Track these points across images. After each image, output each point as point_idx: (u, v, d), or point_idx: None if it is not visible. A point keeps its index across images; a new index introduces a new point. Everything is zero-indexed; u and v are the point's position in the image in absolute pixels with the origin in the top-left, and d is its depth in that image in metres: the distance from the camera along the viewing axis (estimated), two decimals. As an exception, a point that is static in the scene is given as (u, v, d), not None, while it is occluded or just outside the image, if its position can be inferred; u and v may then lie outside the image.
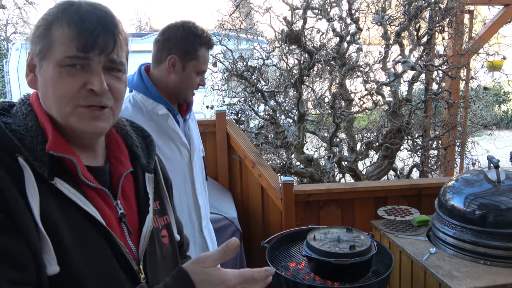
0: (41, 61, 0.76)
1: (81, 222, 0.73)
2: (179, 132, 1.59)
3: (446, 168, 3.93)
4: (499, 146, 5.39)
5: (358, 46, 3.79)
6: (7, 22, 12.76)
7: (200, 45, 1.53)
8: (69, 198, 0.73)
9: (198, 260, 0.74)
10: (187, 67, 1.53)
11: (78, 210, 0.73)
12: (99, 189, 0.79)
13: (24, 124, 0.74)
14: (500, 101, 11.60)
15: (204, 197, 1.73)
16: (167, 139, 1.56)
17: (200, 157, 1.73)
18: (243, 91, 3.90)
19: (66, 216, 0.72)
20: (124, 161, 0.87)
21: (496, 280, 1.69)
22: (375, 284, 1.60)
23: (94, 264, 0.72)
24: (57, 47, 0.74)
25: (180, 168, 1.61)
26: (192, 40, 1.51)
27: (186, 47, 1.51)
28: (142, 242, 0.83)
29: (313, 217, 2.58)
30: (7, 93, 8.45)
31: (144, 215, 0.86)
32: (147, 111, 1.53)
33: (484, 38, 4.16)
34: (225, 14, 3.79)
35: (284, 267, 1.79)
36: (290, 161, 3.66)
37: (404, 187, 2.63)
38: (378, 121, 4.23)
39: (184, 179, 1.62)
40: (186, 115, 1.66)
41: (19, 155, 0.70)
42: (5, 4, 12.13)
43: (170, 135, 1.57)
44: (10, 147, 0.71)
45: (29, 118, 0.76)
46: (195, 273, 0.72)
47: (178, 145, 1.59)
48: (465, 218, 1.90)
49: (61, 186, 0.73)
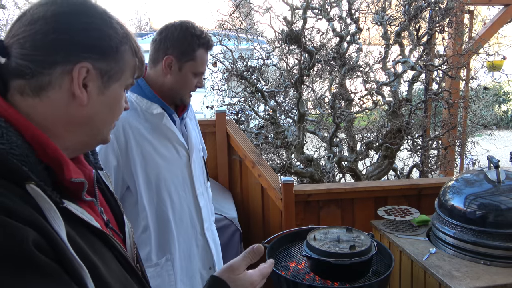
0: (109, 81, 0.71)
1: (94, 240, 0.69)
2: (175, 131, 1.55)
3: (446, 168, 3.93)
4: (499, 146, 5.39)
5: (358, 46, 3.79)
6: (7, 22, 12.77)
7: (198, 46, 1.49)
8: (78, 218, 0.67)
9: (231, 268, 0.83)
10: (184, 68, 1.50)
11: (87, 228, 0.69)
12: (89, 201, 0.75)
13: (10, 141, 0.60)
14: (500, 101, 11.60)
15: (206, 198, 1.69)
16: (163, 139, 1.53)
17: (199, 157, 1.70)
18: (243, 91, 3.90)
19: (82, 238, 0.66)
20: (85, 163, 0.80)
21: (496, 280, 1.69)
22: (375, 284, 1.60)
23: (117, 279, 0.70)
24: (127, 72, 0.75)
25: (178, 168, 1.57)
26: (190, 41, 1.48)
27: (183, 48, 1.48)
28: (129, 243, 0.84)
29: (313, 217, 2.58)
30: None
31: (120, 216, 0.86)
32: (142, 111, 1.50)
33: (484, 38, 4.17)
34: (225, 14, 3.80)
35: (284, 267, 1.79)
36: (290, 161, 3.66)
37: (404, 187, 2.63)
38: (378, 121, 4.24)
39: (183, 180, 1.59)
40: (183, 113, 1.63)
41: (28, 182, 0.59)
42: (5, 4, 12.13)
43: (166, 134, 1.54)
44: (17, 174, 0.59)
45: (12, 133, 0.61)
46: (231, 280, 0.81)
47: (175, 144, 1.56)
48: (465, 218, 1.90)
49: (71, 207, 0.66)
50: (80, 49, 0.67)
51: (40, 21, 0.65)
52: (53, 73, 0.65)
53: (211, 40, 1.55)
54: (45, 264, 0.54)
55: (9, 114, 0.63)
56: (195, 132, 1.73)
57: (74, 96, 0.67)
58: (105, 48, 0.70)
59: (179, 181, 1.56)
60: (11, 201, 0.55)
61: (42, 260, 0.54)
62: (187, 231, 1.58)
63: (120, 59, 0.72)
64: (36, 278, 0.53)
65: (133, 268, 0.79)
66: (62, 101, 0.67)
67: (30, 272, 0.52)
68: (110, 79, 0.71)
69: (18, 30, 0.66)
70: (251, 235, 2.91)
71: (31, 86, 0.65)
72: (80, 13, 0.68)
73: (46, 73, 0.65)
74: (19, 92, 0.65)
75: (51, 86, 0.66)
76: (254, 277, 0.84)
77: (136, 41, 0.77)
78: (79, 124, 0.70)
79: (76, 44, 0.67)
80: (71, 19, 0.67)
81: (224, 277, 0.81)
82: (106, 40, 0.70)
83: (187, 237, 1.58)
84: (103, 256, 0.69)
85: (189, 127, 1.66)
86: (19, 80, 0.65)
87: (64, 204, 0.63)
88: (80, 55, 0.66)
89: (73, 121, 0.69)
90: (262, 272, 0.86)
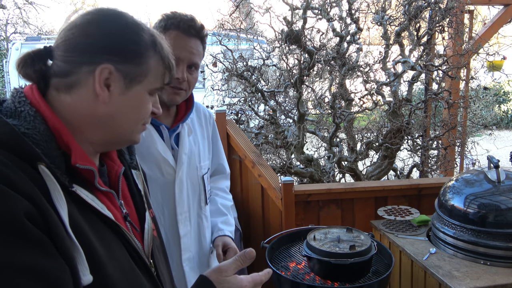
0: (131, 83, 0.78)
1: (102, 227, 0.74)
2: (157, 146, 1.39)
3: (446, 168, 3.93)
4: (499, 146, 5.39)
5: (358, 46, 3.79)
6: (7, 22, 12.78)
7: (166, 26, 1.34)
8: (88, 204, 0.72)
9: (220, 269, 0.84)
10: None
11: (96, 215, 0.74)
12: (107, 192, 0.80)
13: (34, 128, 0.70)
14: (500, 101, 11.60)
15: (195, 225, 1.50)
16: (144, 153, 1.36)
17: (195, 177, 1.50)
18: (243, 91, 3.90)
19: (89, 223, 0.71)
20: (116, 160, 0.89)
21: (496, 280, 1.69)
22: (375, 284, 1.60)
23: (120, 267, 0.73)
24: (152, 77, 0.80)
25: (158, 187, 1.40)
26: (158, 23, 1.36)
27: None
28: (147, 238, 0.87)
29: (313, 217, 2.58)
30: (7, 93, 8.47)
31: (142, 212, 0.89)
32: None
33: (484, 38, 4.16)
34: (225, 14, 3.79)
35: (284, 267, 1.79)
36: (290, 161, 3.66)
37: (404, 187, 2.63)
38: (378, 121, 4.24)
39: (163, 201, 1.42)
40: (177, 125, 1.44)
41: (40, 163, 0.66)
42: (5, 4, 12.14)
43: (148, 148, 1.37)
44: (30, 154, 0.66)
45: (38, 121, 0.71)
46: (219, 282, 0.82)
47: (157, 160, 1.39)
48: (465, 218, 1.90)
49: (81, 192, 0.72)
50: (104, 52, 0.75)
51: (75, 28, 0.76)
52: (80, 72, 0.74)
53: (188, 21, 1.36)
54: (32, 233, 0.60)
55: (39, 106, 0.73)
56: (195, 146, 1.53)
57: (97, 94, 0.75)
58: (128, 53, 0.77)
59: (158, 202, 1.41)
60: (13, 174, 0.62)
61: (30, 228, 0.59)
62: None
63: (143, 63, 0.78)
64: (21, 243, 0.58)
65: (145, 263, 0.81)
66: (87, 98, 0.75)
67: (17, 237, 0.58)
68: (132, 81, 0.78)
69: (60, 36, 0.78)
70: (251, 235, 2.91)
71: (65, 84, 0.75)
72: (108, 21, 0.78)
73: (75, 72, 0.74)
74: (56, 89, 0.76)
75: (79, 84, 0.75)
76: (244, 282, 0.84)
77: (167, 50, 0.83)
78: (101, 121, 0.77)
79: (100, 48, 0.75)
80: (100, 25, 0.77)
81: (212, 277, 0.82)
82: (130, 45, 0.77)
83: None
84: (109, 243, 0.73)
85: (184, 142, 1.46)
86: (57, 78, 0.75)
87: (73, 188, 0.70)
88: (103, 57, 0.74)
89: (96, 117, 0.76)
90: (254, 279, 0.86)
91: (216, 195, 1.72)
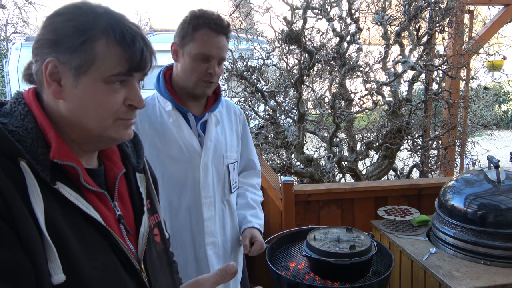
0: (78, 75, 0.73)
1: (85, 227, 0.72)
2: (184, 131, 1.48)
3: (446, 168, 3.93)
4: (499, 146, 5.39)
5: (358, 46, 3.79)
6: (7, 22, 12.77)
7: (198, 25, 1.39)
8: (71, 203, 0.71)
9: (197, 283, 0.80)
10: (185, 51, 1.41)
11: (80, 214, 0.72)
12: (98, 192, 0.78)
13: (22, 126, 0.71)
14: (500, 101, 11.61)
15: (219, 211, 1.56)
16: (171, 137, 1.46)
17: (221, 164, 1.56)
18: (243, 91, 3.90)
19: (70, 221, 0.70)
20: (117, 162, 0.87)
21: (496, 280, 1.69)
22: (375, 284, 1.60)
23: (100, 268, 0.72)
24: (102, 64, 0.73)
25: (184, 170, 1.48)
26: (189, 21, 1.41)
27: (184, 31, 1.41)
28: (141, 242, 0.84)
29: (313, 217, 2.58)
30: (7, 93, 8.47)
31: (140, 215, 0.87)
32: (159, 107, 1.49)
33: (484, 38, 4.16)
34: (225, 14, 3.79)
35: (284, 267, 1.79)
36: (290, 161, 3.66)
37: (404, 187, 2.63)
38: (378, 121, 4.23)
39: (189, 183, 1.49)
40: (204, 114, 1.53)
41: (20, 159, 0.67)
42: (5, 4, 12.13)
43: (175, 133, 1.47)
44: (11, 150, 0.67)
45: (28, 119, 0.72)
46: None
47: (184, 144, 1.47)
48: (465, 218, 1.90)
49: (64, 190, 0.71)
50: (49, 45, 0.73)
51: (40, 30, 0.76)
52: (39, 70, 0.75)
53: (217, 20, 1.42)
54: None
55: (31, 105, 0.75)
56: (222, 136, 1.59)
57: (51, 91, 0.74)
58: (69, 42, 0.73)
59: (183, 183, 1.48)
60: None
61: None
62: (185, 239, 1.51)
63: (87, 51, 0.73)
64: None
65: (133, 267, 0.79)
66: (51, 96, 0.75)
67: None
68: (78, 71, 0.73)
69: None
70: (251, 235, 2.90)
71: (39, 84, 0.76)
72: (61, 15, 0.75)
73: (39, 71, 0.75)
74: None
75: (42, 82, 0.75)
76: None
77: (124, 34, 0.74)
78: (69, 118, 0.75)
79: (47, 42, 0.74)
80: (51, 20, 0.75)
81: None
82: (71, 34, 0.73)
83: (184, 245, 1.51)
84: (90, 244, 0.72)
85: (210, 129, 1.54)
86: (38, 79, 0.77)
87: (55, 186, 0.70)
88: (49, 51, 0.73)
89: (63, 115, 0.75)
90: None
91: (247, 190, 1.77)
